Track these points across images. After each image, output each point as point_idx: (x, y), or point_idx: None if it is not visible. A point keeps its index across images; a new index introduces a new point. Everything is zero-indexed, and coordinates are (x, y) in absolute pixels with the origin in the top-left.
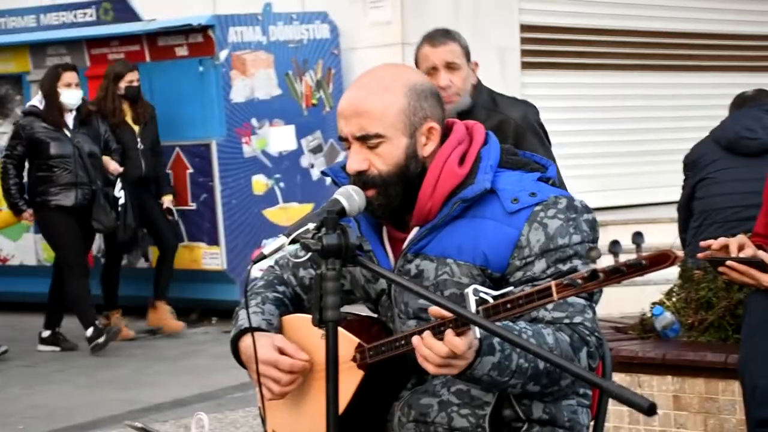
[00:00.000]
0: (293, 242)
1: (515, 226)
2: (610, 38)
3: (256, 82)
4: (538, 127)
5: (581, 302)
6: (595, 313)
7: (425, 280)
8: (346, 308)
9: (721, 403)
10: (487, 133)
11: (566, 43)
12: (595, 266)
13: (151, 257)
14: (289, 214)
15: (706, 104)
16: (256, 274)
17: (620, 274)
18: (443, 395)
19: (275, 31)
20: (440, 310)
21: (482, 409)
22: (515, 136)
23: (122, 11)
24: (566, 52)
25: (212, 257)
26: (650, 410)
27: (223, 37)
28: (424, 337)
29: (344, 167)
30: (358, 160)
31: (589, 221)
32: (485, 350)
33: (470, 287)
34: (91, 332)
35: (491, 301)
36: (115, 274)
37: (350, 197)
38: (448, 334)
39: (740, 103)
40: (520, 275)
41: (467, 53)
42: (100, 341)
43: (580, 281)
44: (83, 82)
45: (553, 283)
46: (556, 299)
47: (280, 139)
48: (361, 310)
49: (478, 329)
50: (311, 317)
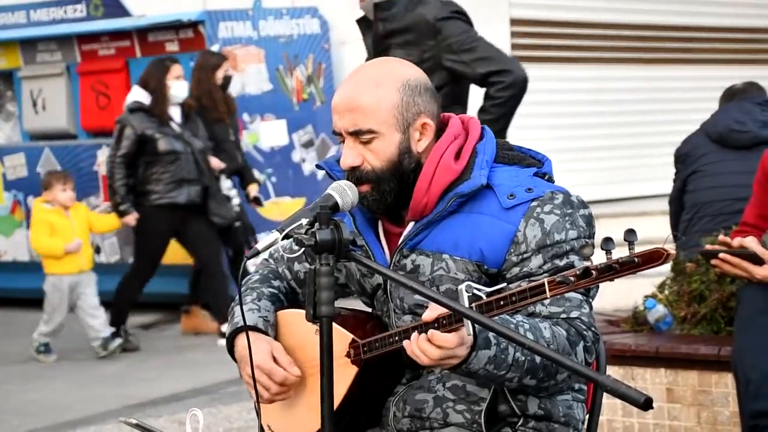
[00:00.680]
0: (286, 237)
1: (512, 221)
2: (601, 32)
3: (246, 77)
4: (453, 14)
5: (578, 297)
6: (591, 308)
7: (421, 275)
8: (340, 302)
9: (714, 395)
10: (483, 128)
11: (557, 36)
12: (587, 264)
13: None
14: (281, 208)
15: (697, 97)
16: (250, 269)
17: (613, 271)
18: (438, 391)
19: (265, 26)
20: (432, 314)
21: (478, 404)
22: (433, 32)
23: (112, 7)
24: (557, 45)
25: None
26: (646, 405)
27: (213, 32)
28: (414, 340)
29: (339, 161)
30: (351, 155)
31: (585, 216)
32: (480, 344)
33: (463, 284)
34: (111, 333)
35: (484, 297)
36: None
37: (343, 192)
38: (432, 332)
39: (730, 96)
40: (516, 271)
41: None
42: (113, 345)
43: (572, 279)
44: (74, 78)
45: (545, 280)
46: (548, 296)
47: (271, 133)
48: (356, 304)
49: (470, 325)
50: (305, 312)
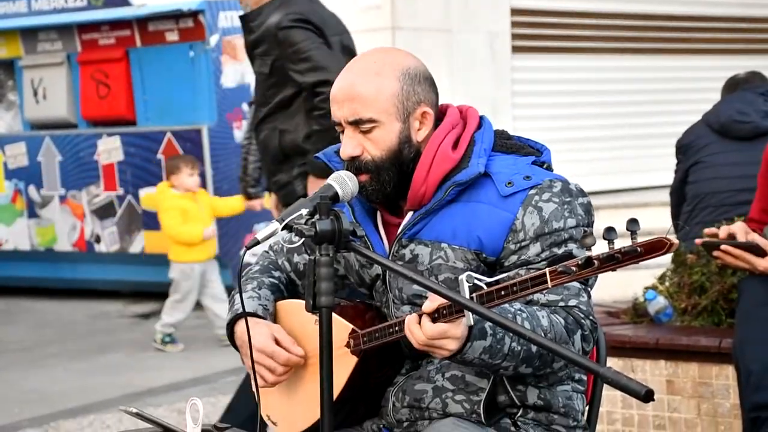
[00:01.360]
0: (286, 228)
1: (510, 209)
2: (601, 21)
3: (247, 67)
4: (295, 23)
5: (576, 286)
6: (590, 297)
7: (420, 264)
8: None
9: (714, 387)
10: (481, 117)
11: (557, 26)
12: (589, 253)
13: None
14: None
15: (698, 87)
16: (249, 259)
17: (615, 261)
18: (438, 381)
19: None
20: (432, 305)
21: (477, 395)
22: (277, 42)
23: None
24: (557, 36)
25: None
26: (647, 397)
27: (213, 22)
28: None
29: (338, 152)
30: (351, 145)
31: (584, 205)
32: (476, 335)
33: (464, 274)
34: None
35: (485, 287)
36: None
37: (343, 183)
38: (423, 320)
39: (732, 86)
40: (514, 259)
41: None
42: None
43: (574, 268)
44: (75, 68)
45: (547, 270)
46: (550, 286)
47: None
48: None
49: (471, 316)
50: (305, 303)
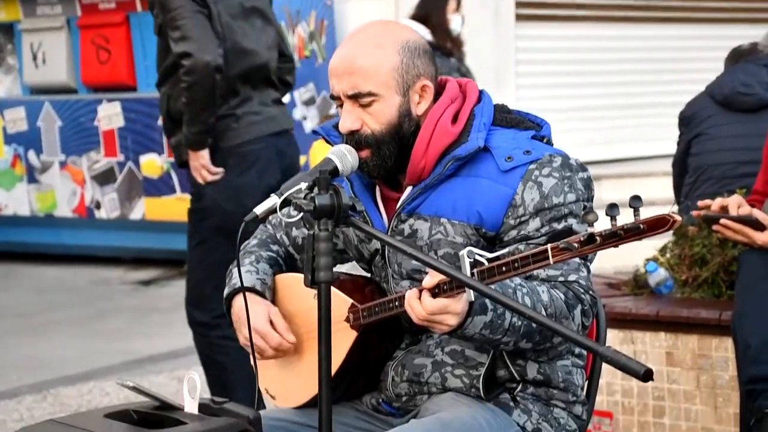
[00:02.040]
0: (285, 202)
1: (509, 184)
2: None
3: None
4: None
5: (576, 260)
6: (589, 271)
7: (419, 239)
8: (339, 268)
9: (714, 359)
10: (480, 91)
11: None
12: (592, 229)
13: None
14: None
15: (702, 56)
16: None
17: (617, 238)
18: (437, 355)
19: None
20: (432, 281)
21: (476, 369)
22: (161, 8)
23: None
24: (561, 3)
25: None
26: (646, 376)
27: None
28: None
29: (336, 126)
30: (350, 119)
31: (584, 179)
32: (477, 310)
33: (465, 249)
34: None
35: (486, 263)
36: None
37: (343, 157)
38: (424, 295)
39: (736, 57)
40: (514, 234)
41: None
42: None
43: (576, 245)
44: (75, 32)
45: (549, 246)
46: (551, 263)
47: None
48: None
49: (472, 291)
50: (303, 278)
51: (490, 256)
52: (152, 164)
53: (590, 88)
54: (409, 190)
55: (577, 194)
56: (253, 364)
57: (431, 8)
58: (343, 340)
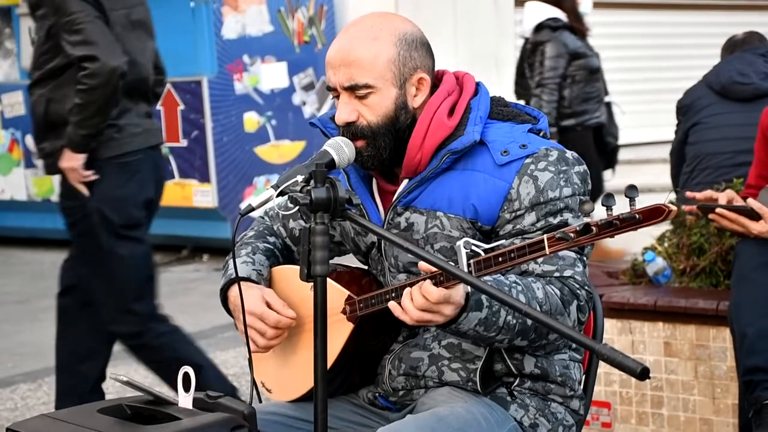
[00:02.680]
0: (281, 195)
1: (505, 178)
2: None
3: (248, 18)
4: None
5: (572, 255)
6: (585, 266)
7: (415, 233)
8: (336, 260)
9: (711, 349)
10: (477, 83)
11: None
12: (588, 220)
13: None
14: (280, 151)
15: (702, 43)
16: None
17: (613, 228)
18: (434, 349)
19: None
20: (430, 267)
21: (473, 363)
22: (54, 8)
23: None
24: None
25: (203, 194)
26: (642, 374)
27: None
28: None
29: (333, 117)
30: (347, 110)
31: (580, 173)
32: (472, 306)
33: (461, 240)
34: None
35: (482, 254)
36: None
37: (340, 149)
38: (425, 283)
39: (732, 46)
40: (509, 228)
41: None
42: None
43: (572, 235)
44: None
45: (545, 236)
46: (548, 253)
47: (271, 76)
48: (351, 261)
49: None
50: (299, 272)
51: (486, 246)
52: None
53: None
54: (405, 183)
55: (573, 188)
56: (248, 356)
57: None
58: (339, 332)
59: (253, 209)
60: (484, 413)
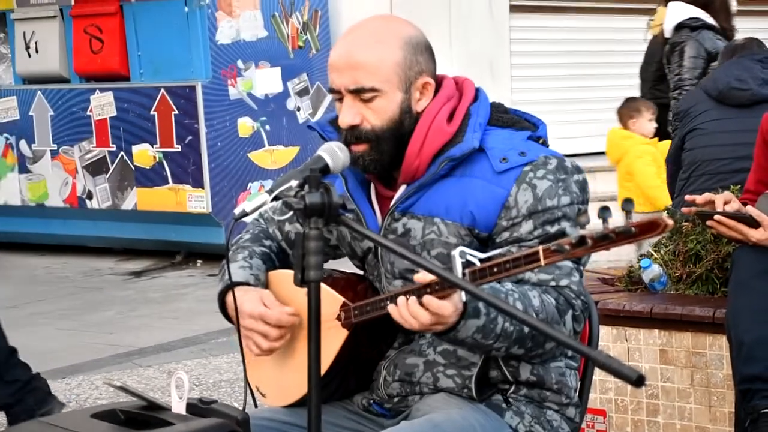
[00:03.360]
0: (276, 199)
1: (503, 186)
2: None
3: (242, 23)
4: None
5: (568, 265)
6: (582, 276)
7: (412, 239)
8: (332, 264)
9: (708, 357)
10: (477, 89)
11: None
12: (583, 232)
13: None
14: (274, 156)
15: None
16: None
17: (609, 240)
18: (429, 355)
19: None
20: (425, 277)
21: (469, 369)
22: None
23: None
24: None
25: (197, 200)
26: (638, 382)
27: None
28: (403, 304)
29: (331, 121)
30: (351, 113)
31: (579, 182)
32: (470, 313)
33: (457, 249)
34: None
35: (478, 264)
36: None
37: (334, 154)
38: (428, 298)
39: (730, 52)
40: (506, 236)
41: None
42: None
43: (567, 247)
44: (68, 21)
45: (540, 248)
46: (543, 264)
47: (266, 81)
48: (346, 266)
49: (463, 292)
50: (293, 277)
51: (482, 256)
52: (144, 154)
53: (584, 79)
54: (403, 188)
55: (571, 197)
56: (242, 361)
57: None
58: (334, 338)
59: (246, 214)
60: (479, 420)
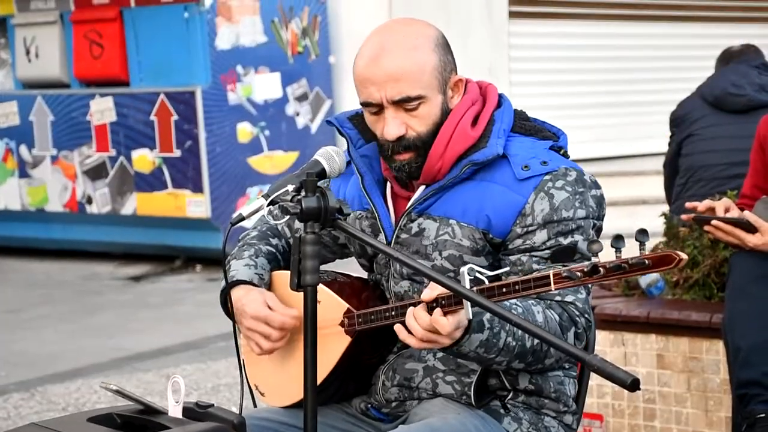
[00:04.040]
0: (272, 204)
1: (522, 193)
2: None
3: (241, 29)
4: None
5: None
6: (589, 293)
7: (425, 238)
8: (338, 264)
9: (704, 362)
10: (500, 95)
11: None
12: (596, 260)
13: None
14: (273, 162)
15: (696, 55)
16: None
17: (622, 271)
18: (429, 361)
19: None
20: (432, 293)
21: (468, 377)
22: None
23: None
24: (554, 1)
25: (197, 205)
26: (633, 386)
27: None
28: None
29: (350, 117)
30: (396, 125)
31: (596, 197)
32: (474, 328)
33: (466, 267)
34: None
35: (486, 282)
36: None
37: (331, 159)
38: (435, 312)
39: (727, 58)
40: (519, 243)
41: None
42: None
43: (579, 274)
44: (68, 27)
45: (551, 272)
46: (552, 290)
47: (265, 86)
48: (349, 267)
49: (470, 309)
50: (290, 281)
51: (490, 274)
52: (144, 159)
53: (583, 85)
54: (421, 189)
55: (587, 211)
56: (240, 359)
57: None
58: (336, 343)
59: (243, 218)
60: (477, 425)
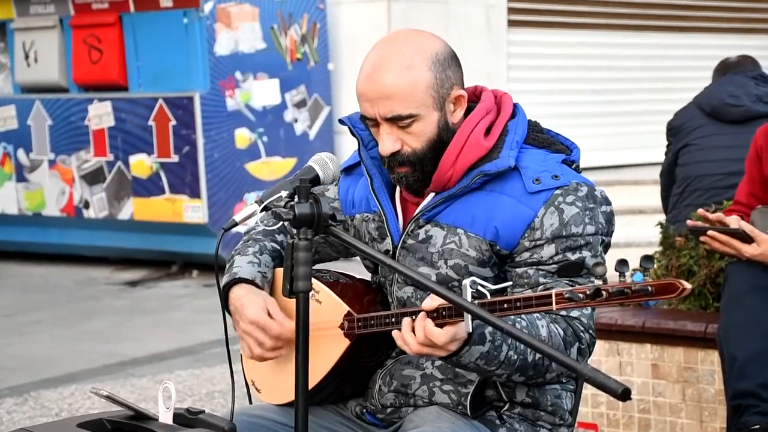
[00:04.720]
0: (266, 210)
1: (532, 206)
2: None
3: (240, 35)
4: None
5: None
6: (594, 309)
7: (431, 245)
8: (342, 264)
9: (700, 372)
10: (515, 105)
11: (553, 1)
12: (599, 284)
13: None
14: (271, 168)
15: (693, 65)
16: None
17: (624, 296)
18: (427, 368)
19: None
20: (433, 303)
21: (465, 387)
22: None
23: None
24: (553, 10)
25: (194, 210)
26: (623, 395)
27: None
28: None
29: (362, 118)
30: (390, 141)
31: (606, 213)
32: (475, 340)
33: (468, 279)
34: None
35: (488, 296)
36: None
37: (325, 165)
38: (428, 323)
39: (724, 69)
40: (526, 256)
41: None
42: None
43: (581, 296)
44: (67, 32)
45: (554, 292)
46: (554, 309)
47: (263, 93)
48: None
49: (470, 323)
50: (281, 288)
51: (493, 288)
52: (141, 164)
53: (581, 94)
54: (431, 197)
55: (597, 227)
56: (229, 364)
57: None
58: (335, 345)
59: (236, 224)
60: None
